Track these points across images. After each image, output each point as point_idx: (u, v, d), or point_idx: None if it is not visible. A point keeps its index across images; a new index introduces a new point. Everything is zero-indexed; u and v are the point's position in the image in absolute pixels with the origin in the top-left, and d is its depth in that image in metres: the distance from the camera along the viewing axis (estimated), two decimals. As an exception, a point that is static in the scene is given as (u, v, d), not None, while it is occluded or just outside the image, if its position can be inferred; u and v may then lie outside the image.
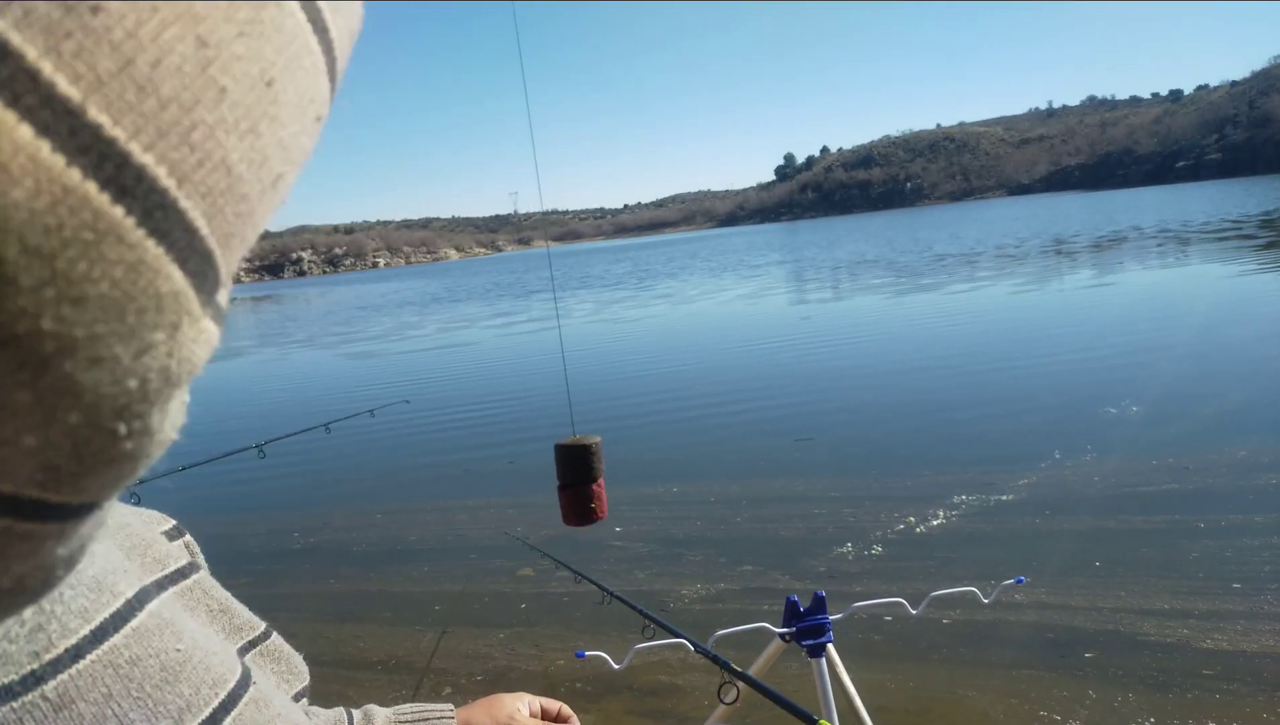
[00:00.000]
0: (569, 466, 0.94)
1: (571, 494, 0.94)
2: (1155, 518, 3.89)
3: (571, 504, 0.94)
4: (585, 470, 0.93)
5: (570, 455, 0.94)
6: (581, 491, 0.92)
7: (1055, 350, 8.32)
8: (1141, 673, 2.72)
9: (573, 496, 0.94)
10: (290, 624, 3.73)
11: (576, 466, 0.93)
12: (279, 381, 13.00)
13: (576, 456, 0.93)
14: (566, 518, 0.96)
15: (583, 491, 0.92)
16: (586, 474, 0.93)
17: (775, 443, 5.92)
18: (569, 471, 0.94)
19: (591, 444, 0.93)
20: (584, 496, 0.92)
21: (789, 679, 2.20)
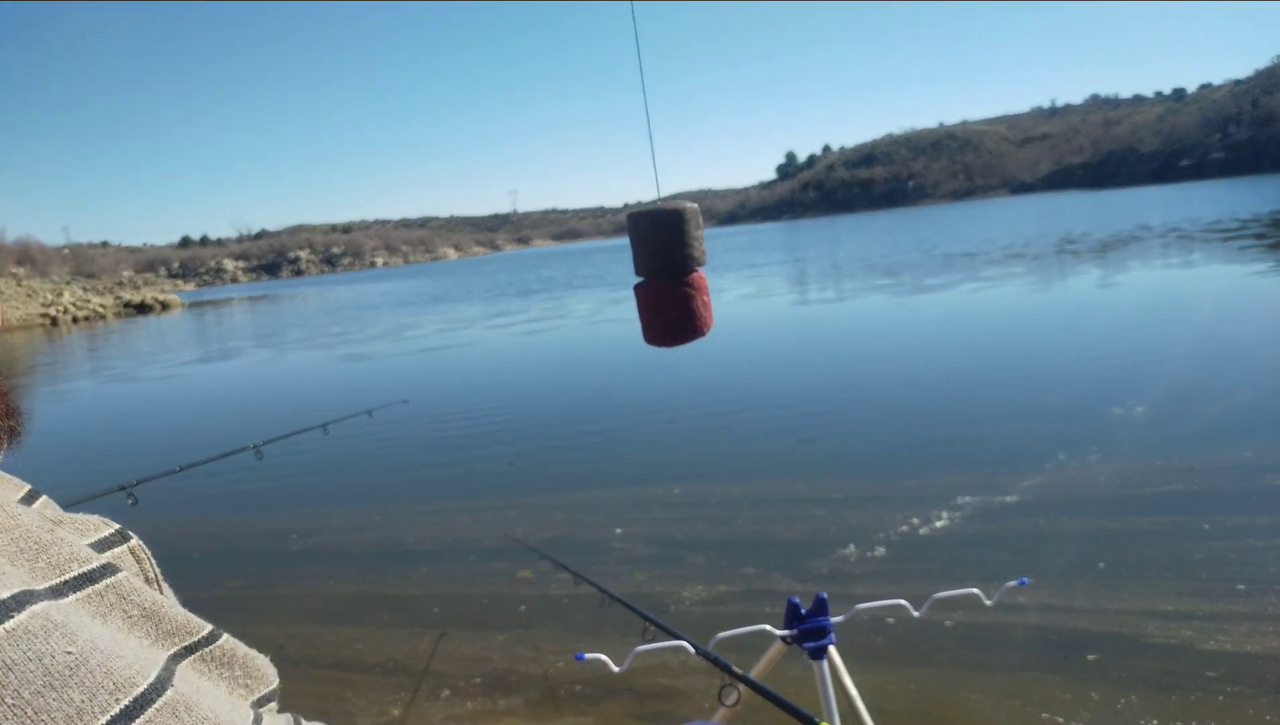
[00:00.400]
0: (653, 247, 0.62)
1: (658, 293, 0.62)
2: (1160, 519, 3.87)
3: (659, 309, 0.63)
4: (677, 253, 0.61)
5: (654, 228, 0.61)
6: (667, 291, 0.61)
7: (1061, 350, 8.30)
8: (1145, 674, 2.70)
9: (661, 297, 0.62)
10: (287, 626, 3.72)
11: (664, 247, 0.61)
12: (276, 382, 12.98)
13: (664, 230, 0.61)
14: (651, 331, 0.65)
15: (668, 291, 0.61)
16: (680, 259, 0.61)
17: (778, 443, 5.91)
18: (653, 255, 0.63)
19: (685, 210, 0.61)
20: (678, 298, 0.61)
21: (790, 681, 2.19)
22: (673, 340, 0.54)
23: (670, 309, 0.52)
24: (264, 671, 0.49)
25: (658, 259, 0.55)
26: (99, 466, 7.17)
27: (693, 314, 0.50)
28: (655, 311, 0.54)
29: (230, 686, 0.46)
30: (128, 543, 0.49)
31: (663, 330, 0.53)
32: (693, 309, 0.50)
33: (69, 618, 0.36)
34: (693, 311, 0.50)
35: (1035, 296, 13.00)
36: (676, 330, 0.54)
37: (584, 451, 6.29)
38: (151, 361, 17.94)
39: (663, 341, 0.55)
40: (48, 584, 0.38)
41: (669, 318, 0.53)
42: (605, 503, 4.94)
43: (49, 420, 10.47)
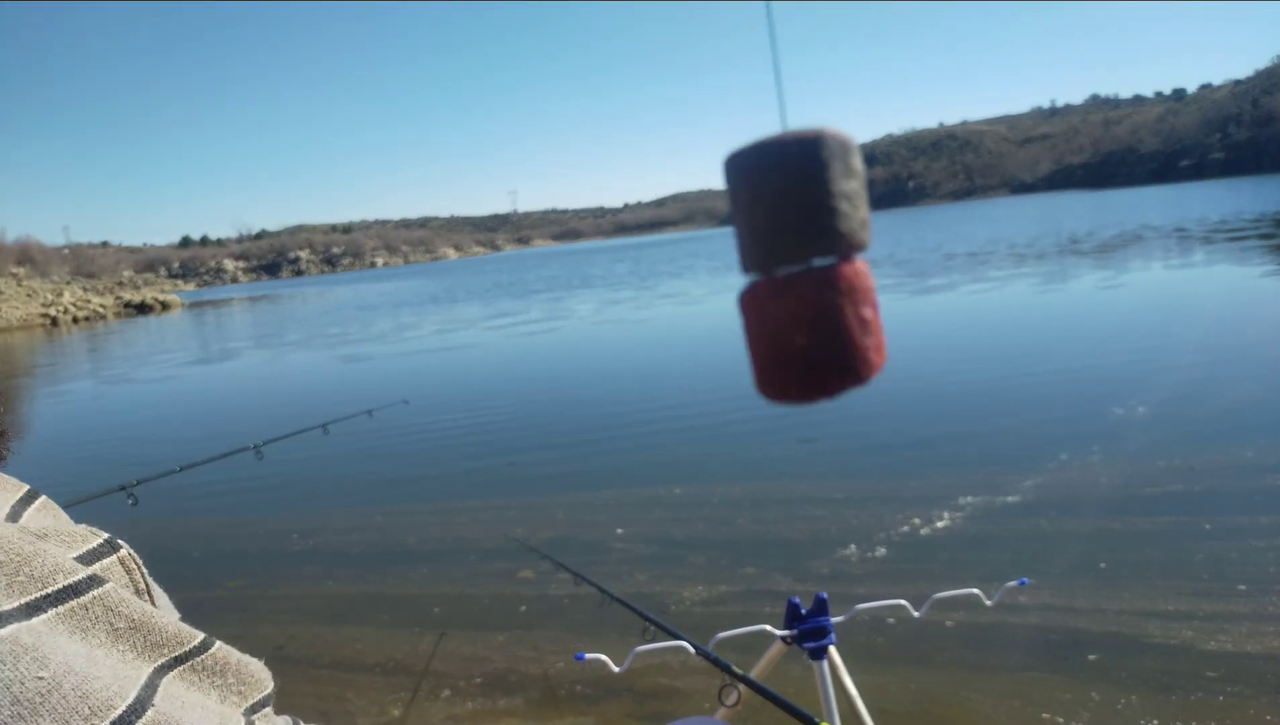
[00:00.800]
0: (753, 214, 0.24)
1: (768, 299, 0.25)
2: (1161, 519, 3.87)
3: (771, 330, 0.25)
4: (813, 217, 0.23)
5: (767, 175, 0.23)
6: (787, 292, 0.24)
7: (1063, 350, 8.29)
8: (1145, 675, 2.70)
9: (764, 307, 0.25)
10: (287, 626, 3.72)
11: (789, 208, 0.23)
12: (276, 382, 12.96)
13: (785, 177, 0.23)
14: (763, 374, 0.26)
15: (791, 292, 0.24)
16: (818, 231, 0.23)
17: (779, 443, 5.90)
18: (755, 230, 0.24)
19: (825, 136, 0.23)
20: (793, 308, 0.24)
21: (791, 681, 2.19)
22: (799, 389, 0.25)
23: (794, 330, 0.24)
24: (258, 677, 0.49)
25: (771, 233, 0.24)
26: (99, 466, 7.16)
27: (839, 339, 0.24)
28: (766, 334, 0.25)
29: (222, 695, 0.45)
30: (117, 553, 0.48)
31: (781, 370, 0.25)
32: (839, 329, 0.23)
33: (40, 640, 0.35)
34: (839, 334, 0.23)
35: (1038, 296, 12.99)
36: (806, 369, 0.24)
37: (584, 451, 6.29)
38: (151, 362, 17.93)
39: (782, 392, 0.25)
40: (28, 599, 0.37)
41: (790, 347, 0.24)
42: (606, 503, 4.94)
43: (49, 420, 10.47)
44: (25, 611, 0.36)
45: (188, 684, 0.43)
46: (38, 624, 0.36)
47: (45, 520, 0.47)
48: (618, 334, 13.95)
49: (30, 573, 0.39)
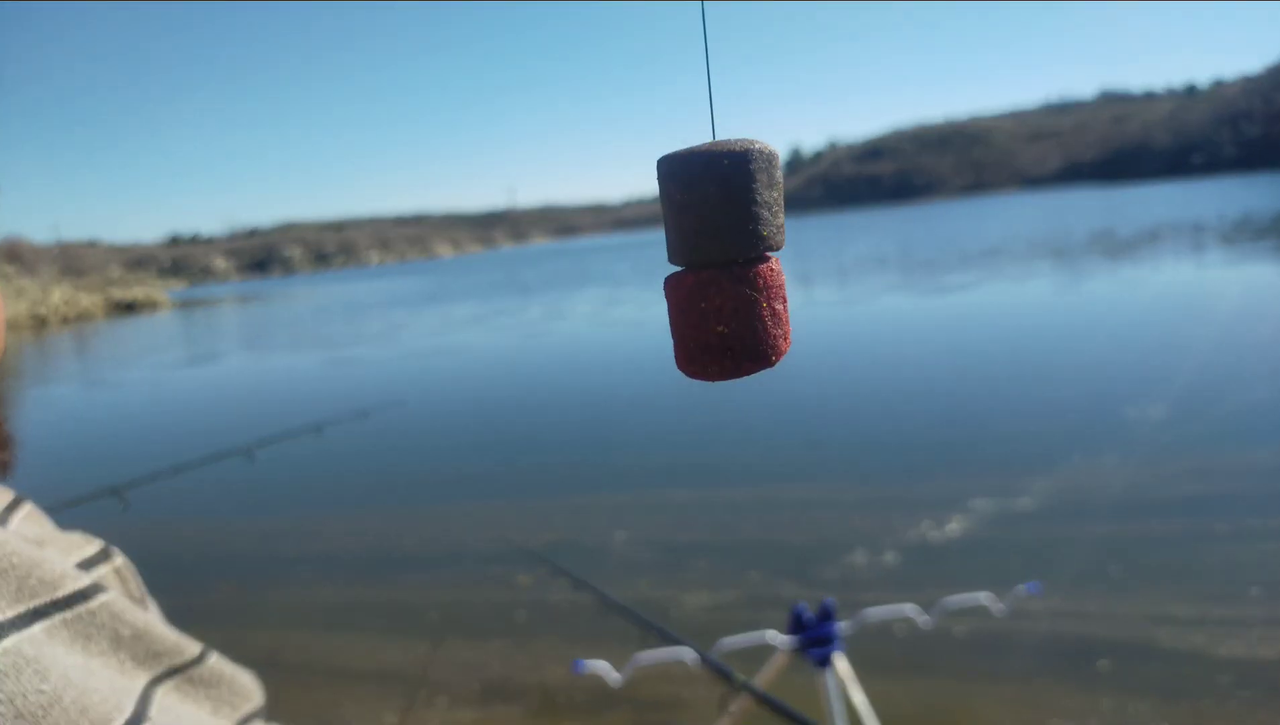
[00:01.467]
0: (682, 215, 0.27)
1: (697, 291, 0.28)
2: (1174, 522, 3.83)
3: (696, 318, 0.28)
4: (723, 226, 0.27)
5: (685, 183, 0.27)
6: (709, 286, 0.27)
7: (1076, 350, 8.23)
8: (1155, 680, 2.67)
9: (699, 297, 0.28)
10: (281, 632, 3.71)
11: (711, 213, 0.27)
12: (268, 384, 12.90)
13: (701, 185, 0.27)
14: (685, 353, 0.29)
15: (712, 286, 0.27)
16: (724, 237, 0.27)
17: (785, 446, 5.85)
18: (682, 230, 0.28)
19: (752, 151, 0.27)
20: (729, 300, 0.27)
21: (797, 690, 2.16)
22: (718, 369, 0.28)
23: (715, 319, 0.27)
24: (249, 688, 0.49)
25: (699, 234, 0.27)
26: (88, 469, 7.14)
27: (753, 329, 0.27)
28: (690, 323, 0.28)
29: (215, 706, 0.45)
30: (111, 561, 0.47)
31: (702, 353, 0.28)
32: (753, 320, 0.27)
33: (41, 651, 0.35)
34: (753, 325, 0.27)
35: (1049, 295, 12.92)
36: (723, 354, 0.28)
37: (585, 454, 6.26)
38: (140, 363, 17.94)
39: (702, 371, 0.29)
40: (27, 607, 0.36)
41: (711, 334, 0.27)
42: (607, 506, 4.91)
43: (37, 423, 10.48)
44: (32, 617, 0.36)
45: (182, 695, 0.43)
46: (39, 632, 0.36)
47: (32, 528, 0.46)
48: (619, 334, 13.93)
49: (41, 577, 0.38)
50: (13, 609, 0.35)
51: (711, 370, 0.28)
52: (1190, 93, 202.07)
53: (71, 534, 0.48)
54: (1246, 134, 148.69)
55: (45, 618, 0.37)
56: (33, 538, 0.43)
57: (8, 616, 0.35)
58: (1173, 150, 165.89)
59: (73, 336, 30.54)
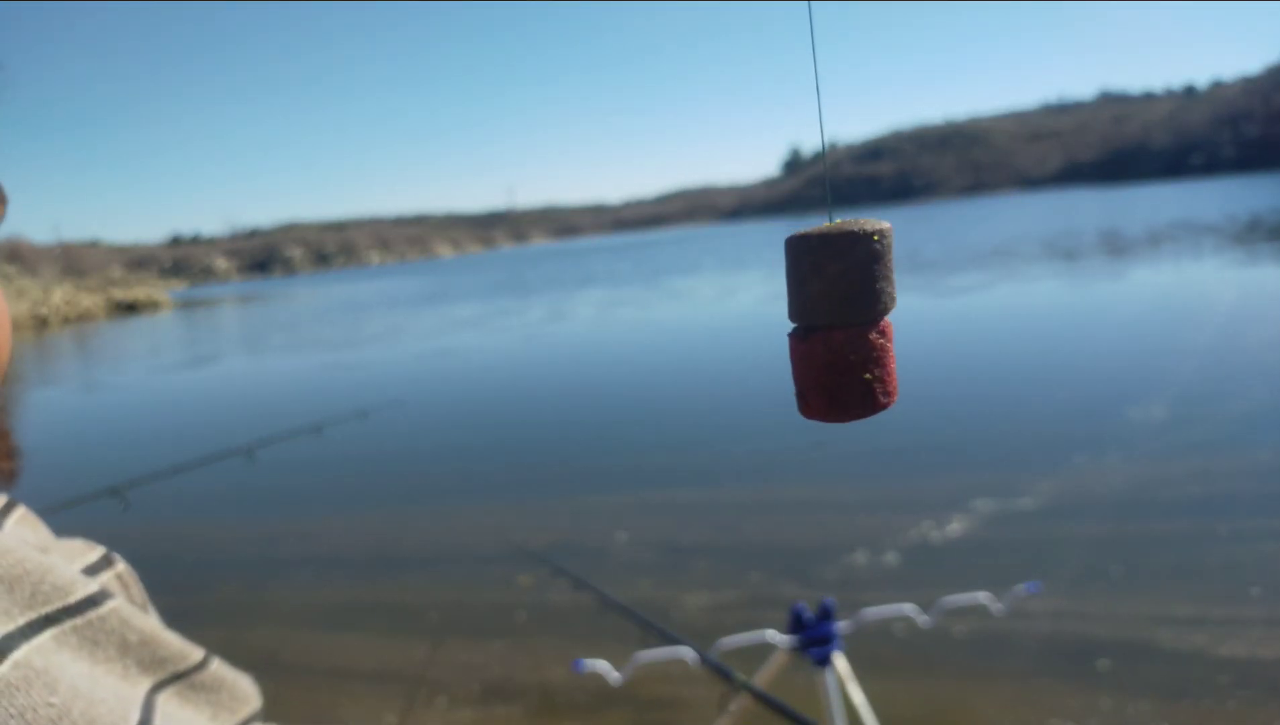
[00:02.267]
0: (827, 283, 0.34)
1: (830, 347, 0.34)
2: (1176, 522, 3.83)
3: (828, 370, 0.35)
4: (864, 291, 0.34)
5: (832, 257, 0.34)
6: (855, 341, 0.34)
7: (1079, 350, 8.22)
8: (1155, 680, 2.67)
9: (833, 352, 0.34)
10: (281, 633, 3.71)
11: (845, 282, 0.34)
12: (268, 383, 12.90)
13: (847, 258, 0.34)
14: (811, 400, 0.35)
15: (857, 341, 0.34)
16: (866, 301, 0.34)
17: (788, 446, 5.84)
18: (826, 295, 0.34)
19: (878, 232, 0.34)
20: (860, 352, 0.34)
21: (796, 689, 2.16)
22: (859, 411, 0.33)
23: (862, 368, 0.32)
24: (248, 693, 0.49)
25: (851, 298, 0.32)
26: (87, 470, 7.11)
27: (891, 373, 0.33)
28: (840, 372, 0.32)
29: (214, 711, 0.46)
30: (114, 567, 0.48)
31: (848, 397, 0.33)
32: (890, 365, 0.33)
33: (50, 661, 0.35)
34: (890, 369, 0.33)
35: (1052, 295, 12.91)
36: (870, 397, 0.33)
37: (586, 454, 6.25)
38: (140, 363, 17.94)
39: (843, 413, 0.33)
40: (38, 613, 0.37)
41: (859, 381, 0.32)
42: (608, 507, 4.90)
43: (38, 423, 10.47)
44: (43, 623, 0.36)
45: (182, 700, 0.43)
46: (49, 640, 0.36)
47: (28, 532, 0.46)
48: (620, 334, 13.92)
49: (54, 583, 0.38)
50: (25, 616, 0.36)
51: (854, 412, 0.34)
52: (1190, 93, 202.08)
53: (72, 540, 0.48)
54: (1246, 134, 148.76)
55: (56, 624, 0.37)
56: (36, 544, 0.43)
57: (19, 624, 0.35)
58: (1172, 151, 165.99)
59: (74, 337, 30.52)
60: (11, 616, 0.35)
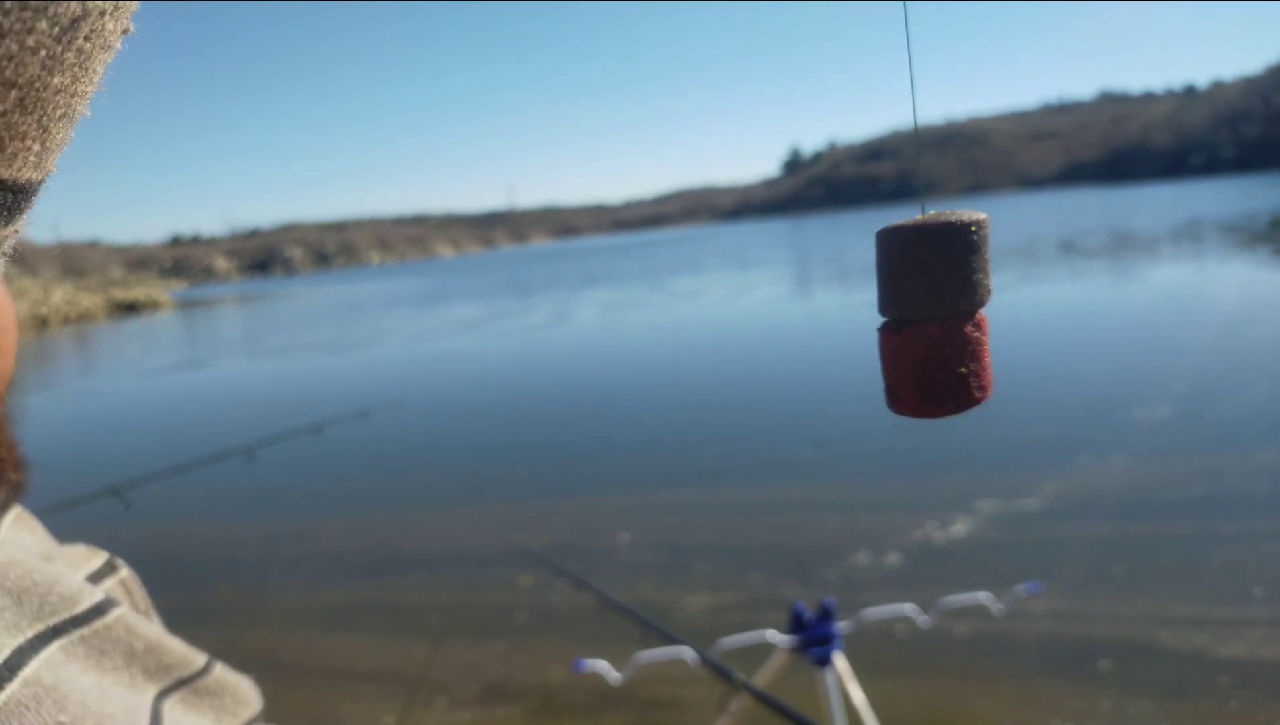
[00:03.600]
0: (923, 276, 0.32)
1: (925, 340, 0.33)
2: (1180, 523, 3.82)
3: (923, 364, 0.33)
4: (962, 283, 0.32)
5: (929, 249, 0.32)
6: (950, 334, 0.33)
7: (1083, 349, 8.22)
8: (1157, 681, 2.67)
9: (928, 345, 0.33)
10: (280, 633, 3.70)
11: (942, 275, 0.32)
12: (268, 383, 12.87)
13: (945, 250, 0.32)
14: (902, 395, 0.35)
15: (953, 334, 0.33)
16: (963, 294, 0.32)
17: (791, 447, 5.83)
18: (922, 288, 0.32)
19: (975, 223, 0.32)
20: (955, 345, 0.33)
21: (796, 689, 2.16)
22: (954, 406, 0.33)
23: (957, 362, 0.32)
24: (249, 696, 0.49)
25: (947, 291, 0.32)
26: (87, 470, 7.10)
27: (985, 366, 0.32)
28: (935, 366, 0.32)
29: (217, 716, 0.46)
30: (118, 573, 0.48)
31: (942, 392, 0.32)
32: (985, 359, 0.32)
33: (59, 675, 0.34)
34: (985, 363, 0.32)
35: (1056, 295, 12.88)
36: (965, 391, 0.33)
37: (588, 454, 6.24)
38: (140, 363, 17.90)
39: (938, 408, 0.33)
40: (46, 624, 0.37)
41: (954, 375, 0.32)
42: (610, 507, 4.89)
43: (38, 423, 10.45)
44: (51, 635, 0.36)
45: (186, 706, 0.43)
46: (57, 652, 0.36)
47: (23, 535, 0.45)
48: (621, 334, 13.91)
49: (61, 593, 0.38)
50: (33, 628, 0.36)
51: (948, 407, 0.33)
52: (1190, 93, 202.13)
53: (75, 547, 0.48)
54: (1246, 134, 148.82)
55: (64, 635, 0.37)
56: (39, 552, 0.43)
57: (28, 637, 0.35)
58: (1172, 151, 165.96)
59: (74, 337, 30.51)
60: (20, 630, 0.35)
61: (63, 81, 0.20)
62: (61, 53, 0.19)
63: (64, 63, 0.19)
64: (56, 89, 0.20)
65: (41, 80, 0.19)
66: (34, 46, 0.18)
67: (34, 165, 0.21)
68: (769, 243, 51.05)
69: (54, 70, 0.19)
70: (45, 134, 0.20)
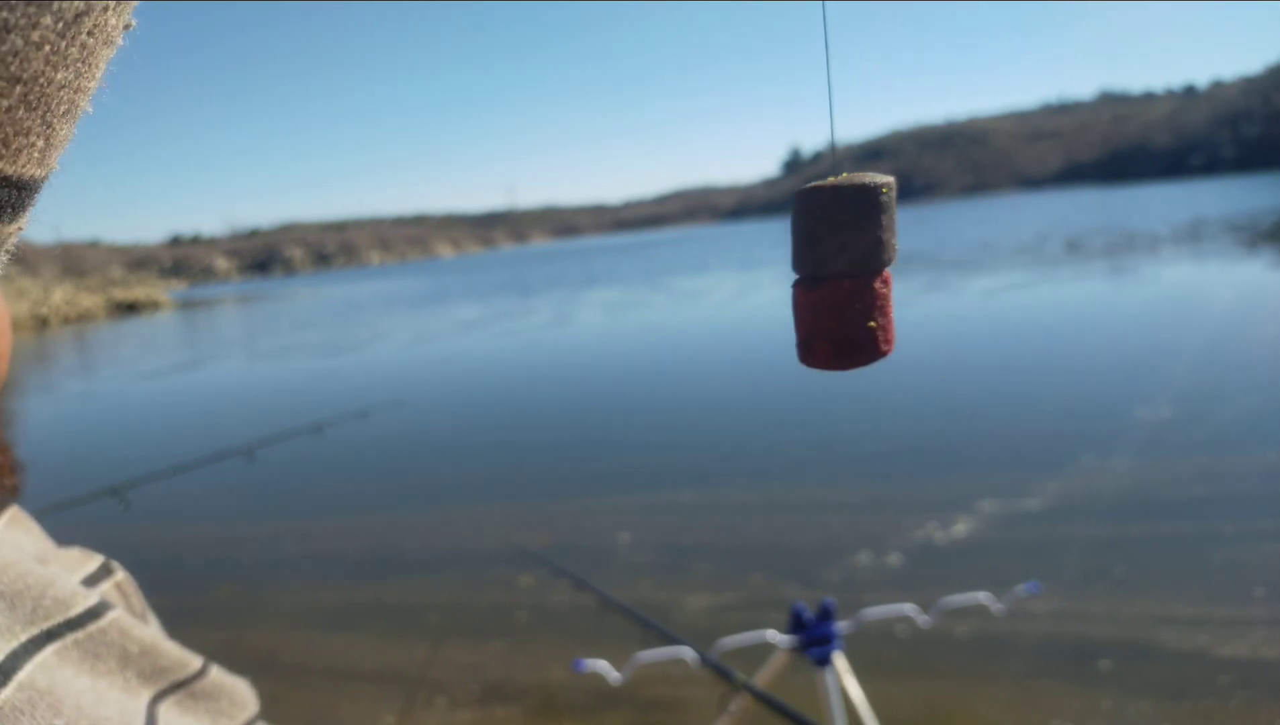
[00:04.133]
0: (836, 234, 0.36)
1: (838, 294, 0.36)
2: (1181, 522, 3.82)
3: (835, 316, 0.36)
4: (873, 242, 0.36)
5: (842, 209, 0.36)
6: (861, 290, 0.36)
7: (1085, 349, 8.21)
8: (1157, 681, 2.67)
9: (841, 299, 0.36)
10: (280, 633, 3.70)
11: (855, 233, 0.36)
12: (268, 383, 12.85)
13: (857, 210, 0.36)
14: (814, 348, 0.37)
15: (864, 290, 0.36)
16: (874, 252, 0.36)
17: (793, 447, 5.82)
18: (835, 245, 0.36)
19: (885, 185, 0.36)
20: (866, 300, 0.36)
21: (796, 689, 2.16)
22: (863, 358, 0.35)
23: (866, 316, 0.34)
24: (245, 699, 0.49)
25: (856, 248, 0.35)
26: (88, 469, 7.10)
27: (891, 321, 0.35)
28: (846, 321, 0.35)
29: (213, 719, 0.46)
30: (113, 577, 0.47)
31: (851, 345, 0.35)
32: (890, 314, 0.35)
33: (54, 679, 0.34)
34: (890, 318, 0.35)
35: (1059, 295, 12.88)
36: (872, 344, 0.35)
37: (588, 454, 6.23)
38: (140, 363, 17.89)
39: (847, 361, 0.35)
40: (40, 628, 0.36)
41: (863, 330, 0.34)
42: (611, 508, 4.89)
43: (37, 423, 10.45)
44: (45, 639, 0.36)
45: (182, 709, 0.43)
46: (51, 655, 0.35)
47: (19, 535, 0.45)
48: (623, 335, 13.90)
49: (55, 596, 0.38)
50: (26, 632, 0.35)
51: (858, 359, 0.36)
52: (1190, 93, 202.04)
53: (71, 549, 0.47)
54: (1246, 134, 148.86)
55: (58, 639, 0.37)
56: (35, 554, 0.43)
57: (21, 641, 0.34)
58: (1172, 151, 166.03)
59: (74, 336, 30.50)
60: (14, 634, 0.35)
61: (66, 77, 0.20)
62: (65, 48, 0.19)
63: (68, 58, 0.19)
64: (60, 84, 0.20)
65: (46, 76, 0.19)
66: (38, 42, 0.18)
67: (38, 161, 0.21)
68: (769, 242, 51.05)
69: (58, 66, 0.19)
70: (49, 130, 0.20)
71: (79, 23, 0.19)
